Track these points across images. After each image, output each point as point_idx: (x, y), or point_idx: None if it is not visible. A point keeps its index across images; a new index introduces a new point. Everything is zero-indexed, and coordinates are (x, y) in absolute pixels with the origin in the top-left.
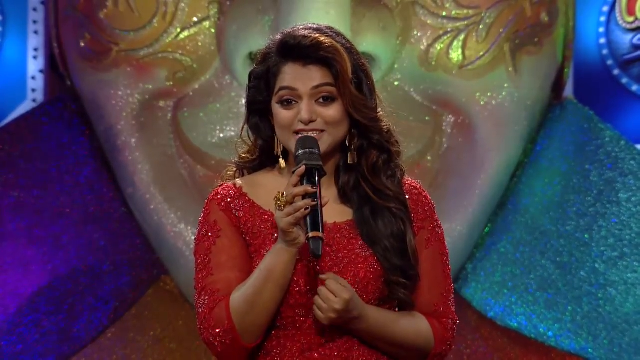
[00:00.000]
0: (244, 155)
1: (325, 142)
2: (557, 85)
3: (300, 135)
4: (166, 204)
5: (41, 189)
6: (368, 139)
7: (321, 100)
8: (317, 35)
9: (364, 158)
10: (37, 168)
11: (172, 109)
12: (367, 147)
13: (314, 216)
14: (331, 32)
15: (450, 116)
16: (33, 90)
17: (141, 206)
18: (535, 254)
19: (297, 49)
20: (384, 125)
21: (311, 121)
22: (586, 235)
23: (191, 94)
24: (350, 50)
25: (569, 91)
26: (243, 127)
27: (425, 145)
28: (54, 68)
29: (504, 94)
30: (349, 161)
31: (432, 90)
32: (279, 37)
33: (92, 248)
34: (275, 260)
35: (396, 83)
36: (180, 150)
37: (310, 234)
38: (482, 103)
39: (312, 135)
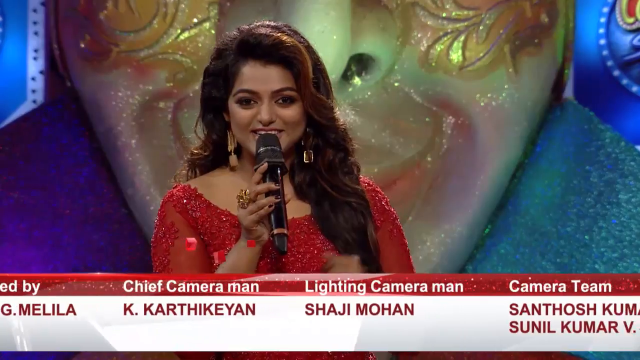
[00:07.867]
0: (196, 151)
1: (283, 142)
2: (557, 86)
3: (260, 133)
4: None
5: (41, 189)
6: (324, 138)
7: (280, 101)
8: (278, 34)
9: (320, 156)
10: (37, 169)
11: (172, 110)
12: (323, 146)
13: (278, 213)
14: (290, 30)
15: (450, 117)
16: (33, 91)
17: (141, 207)
18: (535, 255)
19: (258, 48)
20: (341, 125)
21: (271, 122)
22: (586, 237)
23: (191, 95)
24: (309, 49)
25: (569, 92)
26: (197, 123)
27: (425, 146)
28: (54, 69)
29: (504, 95)
30: (305, 160)
31: (432, 91)
32: (236, 33)
33: (91, 249)
34: (238, 258)
35: (396, 84)
36: (180, 152)
37: (275, 231)
38: (482, 104)
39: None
